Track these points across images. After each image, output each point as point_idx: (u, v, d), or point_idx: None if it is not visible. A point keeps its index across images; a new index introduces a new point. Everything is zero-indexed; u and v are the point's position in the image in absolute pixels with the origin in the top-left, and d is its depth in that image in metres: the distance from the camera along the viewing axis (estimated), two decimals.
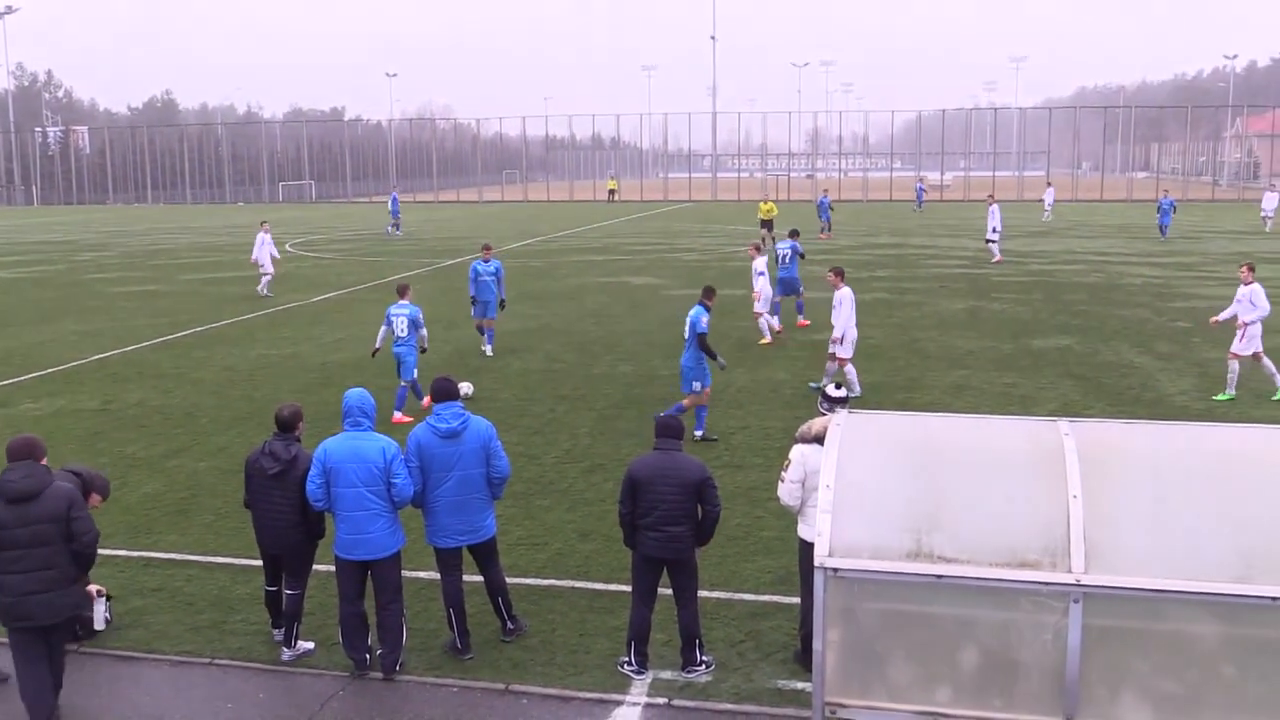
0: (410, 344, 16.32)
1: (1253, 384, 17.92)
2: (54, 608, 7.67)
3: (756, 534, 11.28)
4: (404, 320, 16.28)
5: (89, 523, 7.78)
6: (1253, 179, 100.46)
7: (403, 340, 16.27)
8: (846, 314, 16.92)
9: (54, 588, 7.63)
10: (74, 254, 46.59)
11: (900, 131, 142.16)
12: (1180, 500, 6.26)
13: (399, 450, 8.55)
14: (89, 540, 7.75)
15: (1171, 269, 35.25)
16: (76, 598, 7.99)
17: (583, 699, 8.13)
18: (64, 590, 7.71)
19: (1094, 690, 6.14)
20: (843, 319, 16.89)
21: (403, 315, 16.30)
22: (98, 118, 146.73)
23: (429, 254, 43.68)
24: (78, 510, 7.71)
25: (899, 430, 7.21)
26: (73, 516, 7.65)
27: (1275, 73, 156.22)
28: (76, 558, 7.77)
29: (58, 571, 7.64)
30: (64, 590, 7.71)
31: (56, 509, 7.61)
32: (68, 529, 7.63)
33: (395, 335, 16.34)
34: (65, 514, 7.63)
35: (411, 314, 16.31)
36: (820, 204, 52.65)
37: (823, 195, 54.28)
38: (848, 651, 6.49)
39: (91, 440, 15.30)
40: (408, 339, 16.30)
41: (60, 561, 7.65)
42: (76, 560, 7.78)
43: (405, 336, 16.29)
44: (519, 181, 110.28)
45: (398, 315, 16.30)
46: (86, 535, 7.71)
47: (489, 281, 20.66)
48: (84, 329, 25.31)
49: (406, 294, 16.70)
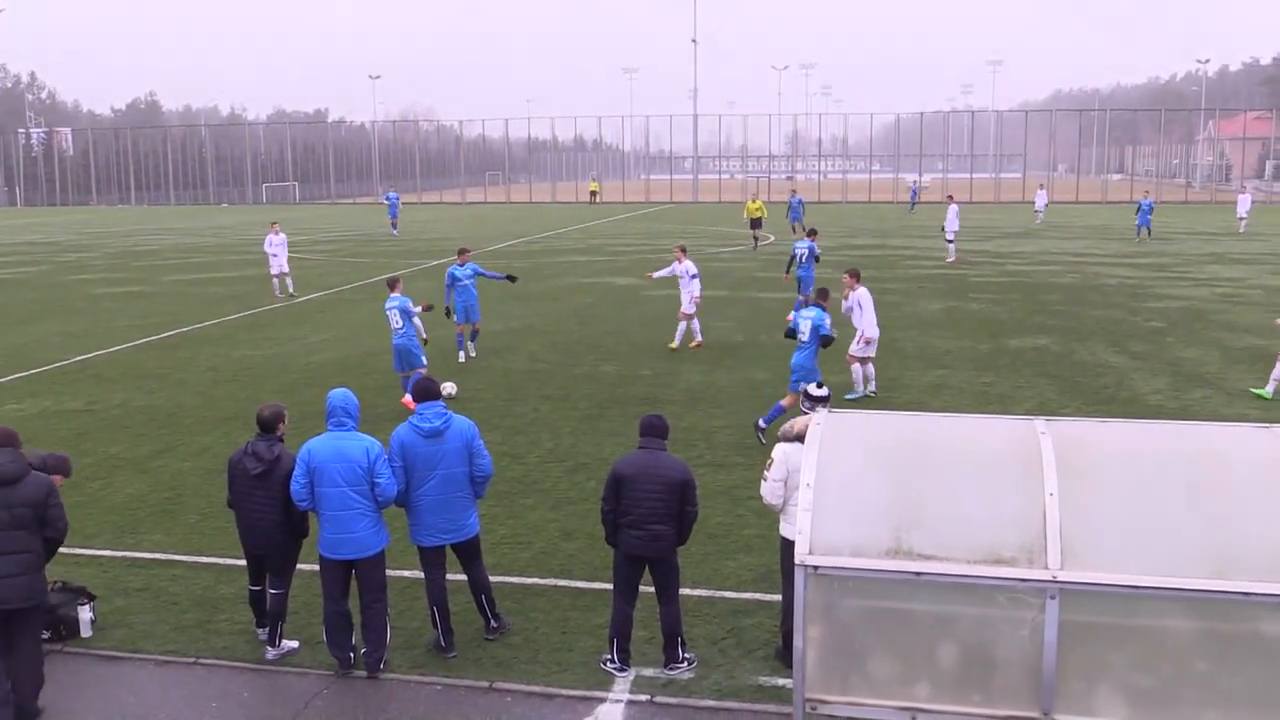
0: (409, 334, 16.69)
1: (1225, 382, 18.13)
2: (28, 590, 7.84)
3: (738, 532, 11.37)
4: (396, 313, 16.70)
5: (62, 511, 8.06)
6: (1225, 181, 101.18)
7: (400, 332, 16.66)
8: (869, 315, 17.24)
9: (28, 571, 7.84)
10: (57, 255, 46.36)
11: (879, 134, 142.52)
12: (1155, 497, 6.34)
13: (382, 450, 8.59)
14: (62, 529, 8.05)
15: (1146, 270, 35.52)
16: (44, 584, 8.13)
17: (566, 696, 8.19)
18: (37, 574, 7.93)
19: (1070, 685, 6.22)
20: (866, 320, 17.20)
21: (393, 308, 16.74)
22: (81, 119, 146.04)
23: (413, 254, 43.63)
24: (54, 499, 7.97)
25: (878, 429, 7.27)
26: (50, 504, 7.91)
27: (1246, 77, 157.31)
28: (47, 544, 8.03)
29: (33, 556, 7.87)
30: (37, 574, 7.93)
31: (36, 495, 7.86)
32: (43, 515, 7.87)
33: (392, 328, 16.75)
34: (44, 500, 7.87)
35: (400, 304, 16.72)
36: (792, 203, 52.85)
37: (793, 195, 54.63)
38: (828, 648, 6.56)
39: (76, 441, 15.27)
40: (405, 330, 16.69)
41: (35, 546, 7.89)
42: (47, 546, 8.04)
43: (401, 328, 16.68)
44: (501, 183, 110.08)
45: (391, 308, 16.77)
46: (60, 523, 8.01)
47: (468, 285, 20.41)
48: (67, 330, 25.23)
49: (397, 287, 17.13)
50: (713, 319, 24.87)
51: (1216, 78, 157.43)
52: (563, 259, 41.41)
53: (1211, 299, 28.28)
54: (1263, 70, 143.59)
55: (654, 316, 25.73)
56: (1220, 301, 27.83)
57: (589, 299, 29.47)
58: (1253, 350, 20.97)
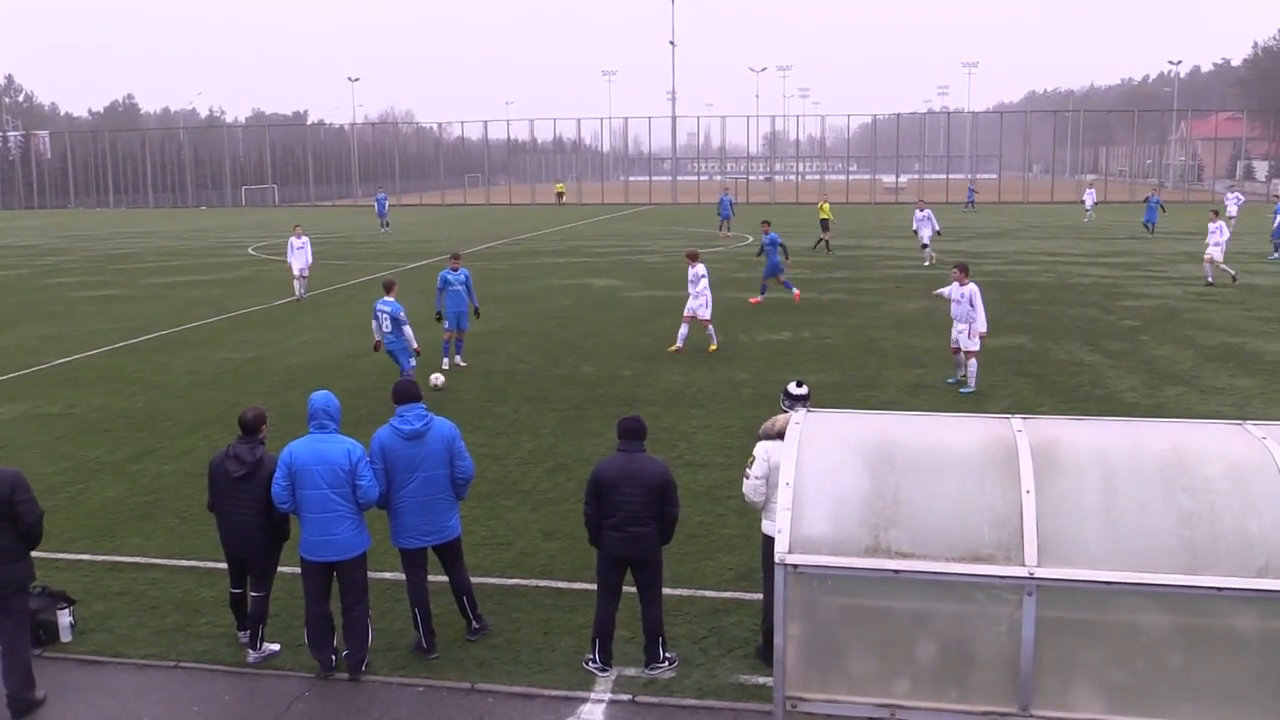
0: (398, 341, 16.92)
1: (1199, 380, 18.30)
2: (4, 581, 7.98)
3: (718, 531, 11.42)
4: (386, 318, 16.92)
5: (34, 503, 8.09)
6: (1197, 181, 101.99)
7: (389, 335, 16.96)
8: (980, 309, 17.58)
9: (3, 562, 7.97)
10: (35, 258, 46.07)
11: (856, 135, 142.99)
12: (1129, 494, 6.40)
13: (364, 453, 8.60)
14: (34, 521, 8.06)
15: (1120, 269, 35.78)
16: (25, 571, 8.20)
17: (548, 696, 8.22)
18: (11, 565, 8.03)
19: (1047, 680, 6.29)
20: (979, 314, 17.51)
21: (385, 312, 16.96)
22: (59, 122, 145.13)
23: (392, 256, 43.55)
24: (21, 494, 7.99)
25: (857, 428, 7.32)
26: (16, 500, 7.96)
27: (1218, 78, 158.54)
28: (23, 537, 8.07)
29: (4, 550, 7.97)
30: (11, 565, 8.03)
31: (1, 491, 7.92)
32: (12, 510, 7.93)
33: (381, 331, 17.00)
34: (9, 496, 7.93)
35: (392, 310, 16.94)
36: (722, 201, 54.51)
37: (723, 194, 55.97)
38: (808, 646, 6.60)
39: (54, 445, 15.21)
40: (393, 335, 16.91)
41: (5, 540, 7.96)
42: (23, 539, 8.09)
43: (390, 332, 16.91)
44: (481, 185, 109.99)
45: (382, 311, 16.98)
46: (30, 515, 8.03)
47: (460, 291, 19.98)
48: (45, 333, 25.09)
49: (392, 290, 17.40)
50: None
51: (1189, 79, 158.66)
52: (542, 260, 41.41)
53: (1185, 298, 28.52)
54: (1234, 72, 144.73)
55: (633, 317, 25.79)
56: (1194, 300, 28.07)
57: (568, 300, 29.49)
58: (1225, 348, 21.17)
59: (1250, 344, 21.65)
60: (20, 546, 8.07)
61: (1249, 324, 24.16)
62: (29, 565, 8.23)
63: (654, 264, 38.87)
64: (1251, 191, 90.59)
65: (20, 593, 8.19)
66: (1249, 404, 16.55)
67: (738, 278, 33.35)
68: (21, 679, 8.14)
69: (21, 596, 8.23)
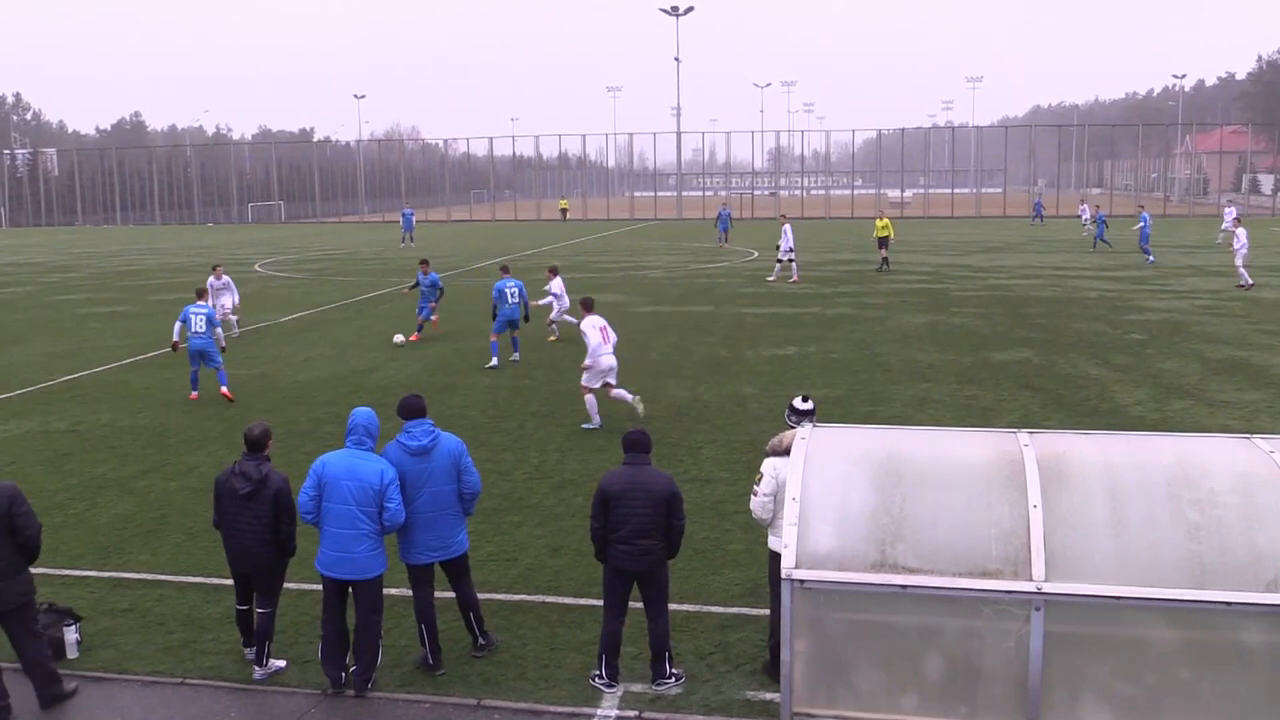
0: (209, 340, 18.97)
1: (1206, 393, 18.26)
2: (5, 595, 8.09)
3: (724, 547, 11.39)
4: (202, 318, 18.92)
5: (32, 517, 8.18)
6: (1203, 195, 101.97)
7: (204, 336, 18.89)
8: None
9: (6, 577, 8.06)
10: (42, 275, 46.19)
11: (861, 150, 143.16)
12: (1137, 509, 6.40)
13: (396, 475, 8.54)
14: (32, 534, 8.15)
15: (1126, 283, 35.75)
16: (26, 585, 8.28)
17: (554, 713, 8.19)
18: (13, 579, 8.12)
19: (1055, 695, 6.27)
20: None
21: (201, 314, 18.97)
22: (66, 139, 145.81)
23: (398, 273, 43.59)
24: (19, 507, 8.09)
25: (863, 443, 7.32)
26: (15, 513, 8.06)
27: (1222, 92, 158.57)
28: (22, 550, 8.16)
29: (4, 563, 8.04)
30: (13, 579, 8.12)
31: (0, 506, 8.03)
32: (11, 524, 8.03)
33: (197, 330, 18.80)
34: (8, 510, 8.03)
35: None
36: (721, 215, 56.69)
37: (722, 208, 58.05)
38: (815, 662, 6.59)
39: (61, 461, 15.23)
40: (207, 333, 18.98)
41: (5, 554, 8.04)
42: (22, 552, 8.17)
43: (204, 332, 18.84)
44: (486, 201, 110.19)
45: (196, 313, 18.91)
46: (29, 529, 8.13)
47: (515, 305, 22.43)
48: (53, 350, 25.13)
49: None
50: (698, 334, 24.97)
51: (1193, 93, 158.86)
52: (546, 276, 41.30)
53: (1191, 311, 28.48)
54: (1238, 85, 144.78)
55: (637, 333, 25.78)
56: (1200, 313, 28.03)
57: (573, 315, 29.43)
58: (1232, 361, 21.14)
59: (1257, 357, 21.61)
60: (19, 560, 8.15)
61: (1256, 337, 24.12)
62: (29, 579, 8.30)
63: (659, 279, 38.87)
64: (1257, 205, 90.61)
65: (25, 607, 8.26)
66: (1256, 417, 16.51)
67: (745, 293, 33.38)
68: (45, 678, 8.36)
69: (28, 609, 8.29)
